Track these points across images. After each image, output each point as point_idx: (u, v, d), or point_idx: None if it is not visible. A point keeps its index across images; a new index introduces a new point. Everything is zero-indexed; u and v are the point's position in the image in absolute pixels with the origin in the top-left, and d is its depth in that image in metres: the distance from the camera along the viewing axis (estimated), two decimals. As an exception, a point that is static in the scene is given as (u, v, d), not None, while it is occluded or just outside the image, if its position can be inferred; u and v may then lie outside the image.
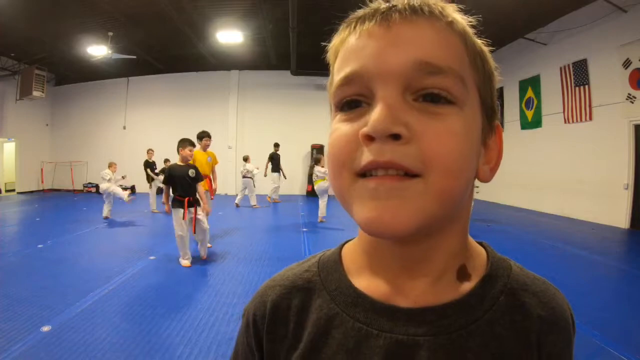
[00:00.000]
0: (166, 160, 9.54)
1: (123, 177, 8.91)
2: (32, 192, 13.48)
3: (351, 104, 0.35)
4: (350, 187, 0.34)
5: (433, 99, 0.33)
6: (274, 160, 11.02)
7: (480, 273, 0.41)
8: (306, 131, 12.80)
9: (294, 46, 10.00)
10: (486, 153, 0.40)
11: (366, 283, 0.41)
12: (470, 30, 0.37)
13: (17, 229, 7.11)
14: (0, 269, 4.19)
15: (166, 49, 11.38)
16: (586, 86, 8.22)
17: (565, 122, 8.87)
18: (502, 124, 11.49)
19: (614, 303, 3.57)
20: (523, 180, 10.34)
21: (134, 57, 10.40)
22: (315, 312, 0.41)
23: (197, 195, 4.55)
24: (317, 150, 12.77)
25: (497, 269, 0.42)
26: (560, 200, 9.00)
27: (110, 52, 9.81)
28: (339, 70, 0.36)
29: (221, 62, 12.66)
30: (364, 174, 0.33)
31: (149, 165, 9.91)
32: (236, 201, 10.29)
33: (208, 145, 5.50)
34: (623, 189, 7.44)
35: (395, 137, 0.31)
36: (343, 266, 0.43)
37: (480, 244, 0.45)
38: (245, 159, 9.99)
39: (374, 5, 0.37)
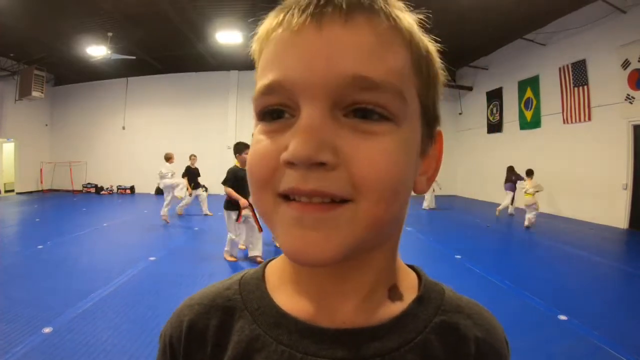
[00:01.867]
0: (192, 156, 8.70)
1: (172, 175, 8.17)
2: (31, 192, 13.46)
3: (273, 113, 0.31)
4: (273, 209, 0.31)
5: (365, 114, 0.29)
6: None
7: (412, 294, 0.39)
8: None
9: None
10: (424, 163, 0.36)
11: (290, 302, 0.37)
12: (417, 29, 0.33)
13: (17, 230, 7.10)
14: (0, 270, 4.19)
15: (165, 50, 11.37)
16: (585, 87, 8.24)
17: (564, 122, 8.89)
18: (501, 124, 11.53)
19: (612, 303, 3.59)
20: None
21: (133, 57, 10.39)
22: (236, 334, 0.38)
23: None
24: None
25: (430, 291, 0.40)
26: (559, 200, 9.02)
27: (109, 52, 9.81)
28: (262, 75, 0.31)
29: (220, 63, 12.65)
30: (287, 195, 0.30)
31: (191, 172, 8.57)
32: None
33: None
34: (622, 189, 7.46)
35: (321, 163, 0.28)
36: (266, 284, 0.40)
37: (412, 267, 0.42)
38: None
39: None
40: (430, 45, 0.34)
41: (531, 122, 10.19)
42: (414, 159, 0.33)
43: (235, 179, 4.47)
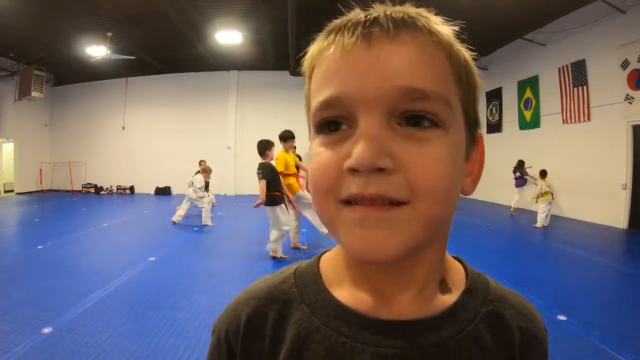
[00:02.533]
0: (204, 165, 8.23)
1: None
2: (31, 192, 13.46)
3: (331, 125, 0.34)
4: (337, 214, 0.34)
5: (417, 121, 0.32)
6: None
7: (460, 286, 0.41)
8: (305, 131, 12.71)
9: (293, 47, 10.00)
10: (468, 165, 0.38)
11: (349, 295, 0.39)
12: (455, 41, 0.36)
13: (17, 230, 7.11)
14: (0, 270, 4.19)
15: (165, 49, 11.37)
16: (584, 87, 8.25)
17: (563, 122, 8.89)
18: (500, 124, 11.53)
19: (612, 303, 3.59)
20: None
21: (133, 57, 10.39)
22: (294, 326, 0.39)
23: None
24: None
25: (476, 283, 0.42)
26: (559, 200, 9.02)
27: (109, 52, 9.80)
28: (318, 91, 0.35)
29: (220, 63, 12.65)
30: (349, 201, 0.32)
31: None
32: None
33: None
34: (621, 189, 7.47)
35: (381, 169, 0.31)
36: (322, 278, 0.42)
37: (457, 259, 0.44)
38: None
39: (353, 15, 0.35)
40: (466, 54, 0.37)
41: (531, 122, 10.19)
42: (461, 162, 0.36)
43: (273, 174, 4.65)
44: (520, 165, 9.24)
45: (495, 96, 11.65)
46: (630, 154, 7.35)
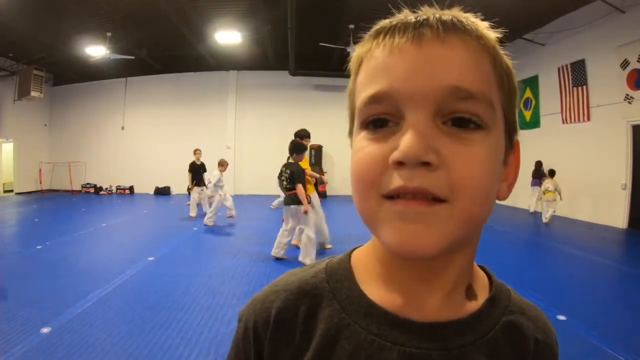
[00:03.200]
0: (196, 151, 8.28)
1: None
2: (30, 192, 13.45)
3: (377, 122, 0.35)
4: (377, 209, 0.34)
5: (462, 123, 0.33)
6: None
7: (484, 294, 0.42)
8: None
9: (293, 46, 10.00)
10: (505, 170, 0.39)
11: (379, 294, 0.40)
12: (498, 47, 0.37)
13: (16, 230, 7.10)
14: (-1, 270, 4.19)
15: (164, 49, 11.37)
16: (584, 86, 8.25)
17: (563, 122, 8.90)
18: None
19: (611, 303, 3.59)
20: (521, 181, 10.34)
21: (133, 57, 10.38)
22: (324, 321, 0.40)
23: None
24: (316, 150, 12.78)
25: (500, 292, 0.43)
26: (558, 200, 9.02)
27: (108, 52, 9.79)
28: (366, 86, 0.35)
29: (220, 63, 12.65)
30: (390, 195, 0.33)
31: (195, 168, 8.32)
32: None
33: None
34: (621, 189, 7.48)
35: (425, 163, 0.31)
36: (354, 275, 0.42)
37: (482, 267, 0.45)
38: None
39: (402, 16, 0.36)
40: (508, 60, 0.38)
41: (530, 122, 10.20)
42: (500, 165, 0.36)
43: (304, 176, 4.51)
44: (539, 167, 9.31)
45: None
46: (630, 153, 7.36)
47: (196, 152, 8.42)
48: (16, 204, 10.48)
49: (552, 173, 8.02)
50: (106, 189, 13.83)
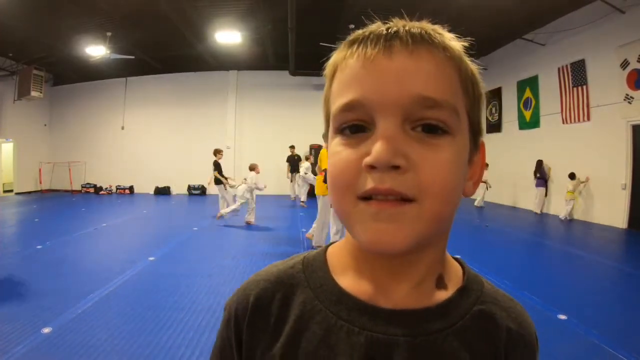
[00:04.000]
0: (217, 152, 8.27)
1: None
2: (30, 192, 13.44)
3: (351, 128, 0.37)
4: (353, 209, 0.36)
5: (430, 129, 0.35)
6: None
7: (456, 284, 0.44)
8: (305, 131, 12.80)
9: (293, 46, 10.00)
10: (470, 169, 0.42)
11: (350, 282, 0.42)
12: (464, 56, 0.39)
13: (16, 230, 7.09)
14: None
15: (164, 49, 11.36)
16: (584, 86, 8.25)
17: (563, 122, 8.90)
18: (500, 124, 11.54)
19: (612, 303, 3.59)
20: (521, 181, 10.38)
21: (132, 57, 10.38)
22: (298, 307, 0.42)
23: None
24: (316, 150, 12.77)
25: (472, 283, 0.44)
26: (558, 200, 9.03)
27: (108, 52, 9.79)
28: (340, 94, 0.38)
29: (220, 62, 12.65)
30: (364, 197, 0.36)
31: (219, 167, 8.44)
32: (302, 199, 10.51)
33: None
34: (621, 189, 7.48)
35: (395, 167, 0.34)
36: (328, 266, 0.45)
37: (457, 259, 0.47)
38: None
39: (374, 27, 0.38)
40: (474, 67, 0.40)
41: (530, 122, 10.20)
42: (464, 166, 0.39)
43: None
44: (539, 165, 9.36)
45: (494, 96, 11.65)
46: (630, 153, 7.36)
47: (220, 152, 8.40)
48: (16, 204, 10.47)
49: (572, 176, 8.28)
50: (106, 188, 13.82)
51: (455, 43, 0.39)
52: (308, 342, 0.40)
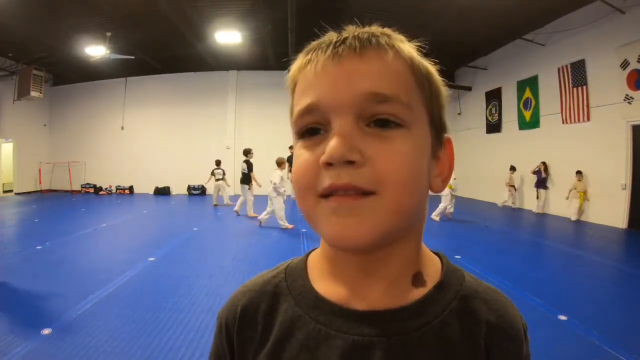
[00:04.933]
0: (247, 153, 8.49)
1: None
2: (29, 192, 13.44)
3: (310, 131, 0.39)
4: (314, 207, 0.38)
5: (383, 123, 0.37)
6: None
7: (434, 280, 0.43)
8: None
9: (293, 47, 9.99)
10: (437, 166, 0.42)
11: (327, 288, 0.43)
12: (416, 55, 0.40)
13: (16, 231, 7.09)
14: (-1, 271, 4.18)
15: (164, 49, 11.36)
16: (584, 87, 8.25)
17: (563, 122, 8.90)
18: (500, 124, 11.54)
19: (612, 303, 3.59)
20: (520, 181, 10.38)
21: (132, 57, 10.38)
22: (281, 314, 0.44)
23: None
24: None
25: (450, 278, 0.44)
26: (558, 200, 9.03)
27: (108, 52, 9.79)
28: (298, 101, 0.40)
29: (219, 63, 12.64)
30: (325, 194, 0.37)
31: (252, 167, 8.77)
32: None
33: None
34: (621, 189, 7.48)
35: (351, 162, 0.35)
36: (307, 273, 0.46)
37: (437, 254, 0.47)
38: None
39: (327, 37, 0.40)
40: (429, 66, 0.42)
41: (530, 122, 10.20)
42: (426, 159, 0.40)
43: None
44: (540, 167, 9.45)
45: (494, 96, 11.65)
46: (630, 154, 7.36)
47: (249, 154, 8.70)
48: (16, 204, 10.46)
49: (577, 173, 8.29)
50: (106, 189, 13.82)
51: (405, 44, 0.40)
52: (291, 348, 0.41)
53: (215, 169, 10.61)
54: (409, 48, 0.40)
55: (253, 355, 0.44)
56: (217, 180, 10.49)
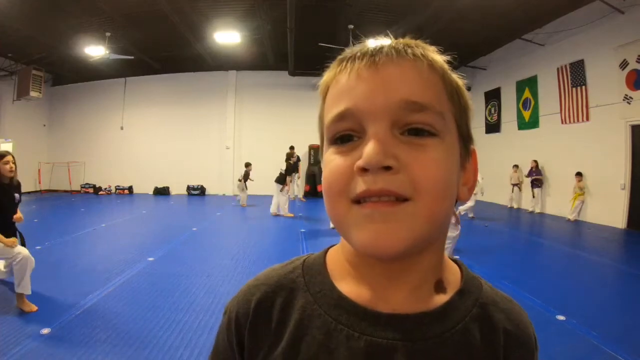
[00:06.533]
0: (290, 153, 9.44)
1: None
2: (29, 193, 13.42)
3: (344, 137, 0.39)
4: (347, 213, 0.38)
5: (417, 132, 0.37)
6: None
7: (454, 287, 0.44)
8: (304, 131, 12.78)
9: (292, 47, 10.01)
10: (464, 175, 0.43)
11: (349, 288, 0.43)
12: (448, 68, 0.41)
13: (15, 230, 7.07)
14: (-1, 270, 4.17)
15: (164, 49, 11.36)
16: (583, 87, 8.26)
17: (562, 122, 8.91)
18: (499, 124, 11.56)
19: (611, 303, 3.60)
20: (520, 181, 10.39)
21: (132, 57, 10.38)
22: (297, 312, 0.43)
23: None
24: (315, 151, 12.78)
25: (470, 285, 0.45)
26: (558, 200, 9.04)
27: (107, 52, 9.78)
28: (332, 107, 0.40)
29: (219, 63, 12.65)
30: (358, 200, 0.37)
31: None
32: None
33: None
34: (620, 189, 7.49)
35: (387, 168, 0.35)
36: (327, 270, 0.46)
37: (455, 261, 0.48)
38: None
39: (362, 46, 0.41)
40: (458, 80, 0.42)
41: (529, 123, 10.21)
42: (456, 167, 0.40)
43: None
44: (534, 166, 9.50)
45: (493, 96, 11.66)
46: (629, 154, 7.37)
47: (292, 156, 9.30)
48: (15, 204, 10.43)
49: (579, 174, 8.31)
50: (105, 189, 13.81)
51: (438, 56, 0.41)
52: (308, 347, 0.41)
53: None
54: (441, 60, 0.41)
55: (265, 352, 0.43)
56: (240, 180, 10.42)
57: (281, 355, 0.41)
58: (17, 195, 3.46)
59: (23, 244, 3.35)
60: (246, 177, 10.02)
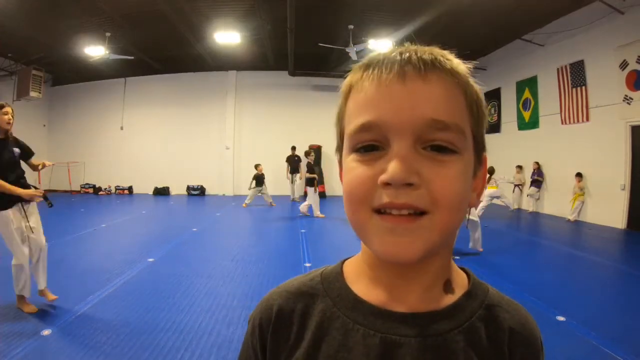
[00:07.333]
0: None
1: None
2: (29, 192, 13.41)
3: (367, 147, 0.40)
4: (368, 221, 0.40)
5: (439, 149, 0.39)
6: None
7: (462, 289, 0.47)
8: (304, 131, 12.79)
9: (292, 47, 10.00)
10: (474, 182, 0.45)
11: (365, 290, 0.46)
12: (470, 79, 0.42)
13: (15, 231, 7.07)
14: (-1, 271, 4.17)
15: (164, 50, 11.35)
16: (583, 87, 8.26)
17: (562, 123, 8.91)
18: (499, 124, 11.56)
19: (610, 303, 3.60)
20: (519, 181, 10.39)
21: (132, 57, 10.37)
22: (317, 315, 0.46)
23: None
24: (315, 151, 12.78)
25: (477, 289, 0.48)
26: (557, 201, 9.05)
27: (107, 52, 9.77)
28: (357, 115, 0.41)
29: (219, 63, 12.63)
30: (379, 210, 0.39)
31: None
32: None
33: None
34: (620, 189, 7.49)
35: (409, 184, 0.37)
36: (344, 276, 0.49)
37: (463, 269, 0.51)
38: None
39: (388, 52, 0.41)
40: (479, 90, 0.44)
41: (529, 123, 10.21)
42: (470, 180, 0.43)
43: None
44: (536, 168, 9.58)
45: (493, 97, 11.66)
46: (629, 154, 7.37)
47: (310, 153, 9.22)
48: (15, 205, 10.43)
49: (579, 175, 8.32)
50: (105, 189, 13.81)
51: (463, 67, 0.42)
52: (329, 346, 0.44)
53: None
54: (465, 70, 0.42)
55: (286, 354, 0.46)
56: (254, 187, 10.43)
57: (303, 355, 0.44)
58: (16, 149, 3.44)
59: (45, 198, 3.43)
60: (262, 179, 10.18)
